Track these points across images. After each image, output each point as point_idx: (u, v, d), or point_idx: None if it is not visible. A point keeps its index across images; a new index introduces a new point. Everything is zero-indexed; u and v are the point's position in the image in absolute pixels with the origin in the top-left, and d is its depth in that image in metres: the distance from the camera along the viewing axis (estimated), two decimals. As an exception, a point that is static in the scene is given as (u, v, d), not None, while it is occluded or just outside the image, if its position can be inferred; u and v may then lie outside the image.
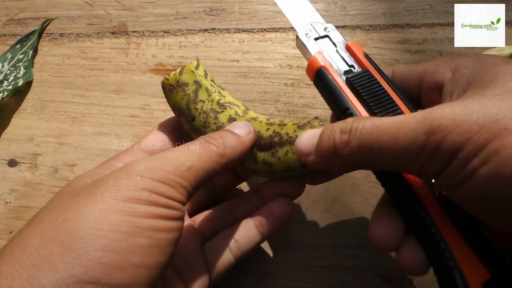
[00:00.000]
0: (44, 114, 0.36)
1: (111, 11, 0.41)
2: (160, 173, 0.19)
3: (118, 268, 0.16)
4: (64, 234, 0.16)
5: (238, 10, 0.40)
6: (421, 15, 0.38)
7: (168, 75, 0.26)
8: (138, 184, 0.18)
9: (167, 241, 0.18)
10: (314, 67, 0.24)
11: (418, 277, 0.27)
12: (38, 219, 0.17)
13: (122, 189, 0.18)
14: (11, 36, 0.40)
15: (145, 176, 0.18)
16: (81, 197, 0.18)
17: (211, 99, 0.25)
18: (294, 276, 0.28)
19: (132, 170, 0.19)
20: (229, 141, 0.22)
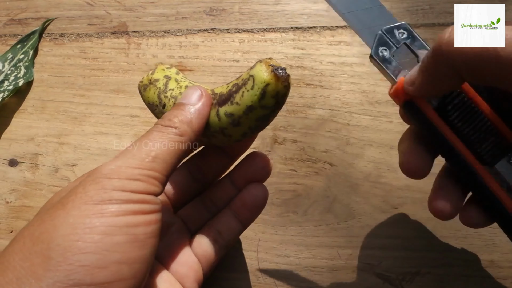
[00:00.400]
0: (44, 114, 0.36)
1: (111, 11, 0.41)
2: (126, 170, 0.19)
3: (99, 267, 0.17)
4: (42, 245, 0.17)
5: (238, 10, 0.40)
6: (421, 15, 0.38)
7: (143, 78, 0.26)
8: (106, 186, 0.18)
9: (145, 234, 0.18)
10: (400, 97, 0.21)
11: (419, 277, 0.28)
12: (19, 236, 0.18)
13: (91, 194, 0.18)
14: (12, 36, 0.40)
15: (111, 177, 0.19)
16: (54, 209, 0.18)
17: (179, 86, 0.25)
18: (294, 276, 0.28)
19: (98, 174, 0.19)
20: (183, 116, 0.22)
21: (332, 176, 0.31)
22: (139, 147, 0.20)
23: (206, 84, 0.36)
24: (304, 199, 0.30)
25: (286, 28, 0.38)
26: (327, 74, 0.36)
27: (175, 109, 0.22)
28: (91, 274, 0.16)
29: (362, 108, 0.34)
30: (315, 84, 0.35)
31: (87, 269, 0.16)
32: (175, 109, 0.22)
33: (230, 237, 0.25)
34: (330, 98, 0.35)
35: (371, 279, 0.28)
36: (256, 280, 0.28)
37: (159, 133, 0.21)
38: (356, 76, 0.35)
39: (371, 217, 0.30)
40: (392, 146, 0.32)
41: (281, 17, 0.39)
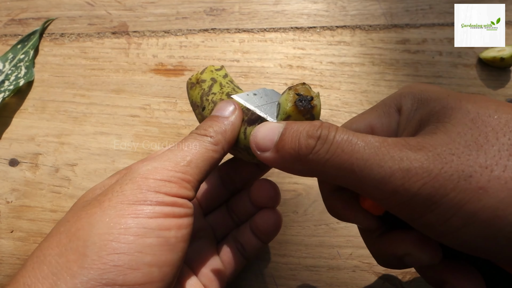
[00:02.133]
0: (45, 114, 0.36)
1: (112, 11, 0.41)
2: (162, 172, 0.19)
3: (131, 268, 0.17)
4: (78, 242, 0.17)
5: (238, 10, 0.40)
6: (421, 15, 0.38)
7: (193, 75, 0.27)
8: (142, 186, 0.19)
9: (176, 238, 0.19)
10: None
11: (419, 277, 0.28)
12: (54, 231, 0.19)
13: (127, 193, 0.18)
14: (12, 36, 0.40)
15: (148, 177, 0.19)
16: (90, 206, 0.19)
17: (222, 92, 0.25)
18: (294, 276, 0.28)
19: (135, 174, 0.19)
20: (217, 127, 0.22)
21: (332, 176, 0.31)
22: (176, 151, 0.21)
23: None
24: (304, 199, 0.30)
25: (286, 28, 0.38)
26: (327, 74, 0.36)
27: (209, 120, 0.23)
28: (123, 275, 0.17)
29: (362, 108, 0.34)
30: (315, 84, 0.35)
31: (120, 269, 0.17)
32: (210, 120, 0.23)
33: (252, 251, 0.26)
34: (330, 98, 0.35)
35: (371, 279, 0.28)
36: (256, 279, 0.28)
37: (195, 140, 0.21)
38: (356, 76, 0.35)
39: (371, 217, 0.30)
40: (392, 146, 0.32)
41: (281, 17, 0.39)
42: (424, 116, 0.18)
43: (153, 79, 0.37)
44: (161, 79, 0.37)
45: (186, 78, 0.36)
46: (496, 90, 0.34)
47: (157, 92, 0.36)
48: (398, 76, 0.35)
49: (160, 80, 0.36)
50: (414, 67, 0.35)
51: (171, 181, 0.19)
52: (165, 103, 0.35)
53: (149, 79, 0.37)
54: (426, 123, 0.17)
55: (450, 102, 0.17)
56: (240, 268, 0.26)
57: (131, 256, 0.17)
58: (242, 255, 0.26)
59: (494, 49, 0.34)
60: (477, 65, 0.35)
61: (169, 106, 0.35)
